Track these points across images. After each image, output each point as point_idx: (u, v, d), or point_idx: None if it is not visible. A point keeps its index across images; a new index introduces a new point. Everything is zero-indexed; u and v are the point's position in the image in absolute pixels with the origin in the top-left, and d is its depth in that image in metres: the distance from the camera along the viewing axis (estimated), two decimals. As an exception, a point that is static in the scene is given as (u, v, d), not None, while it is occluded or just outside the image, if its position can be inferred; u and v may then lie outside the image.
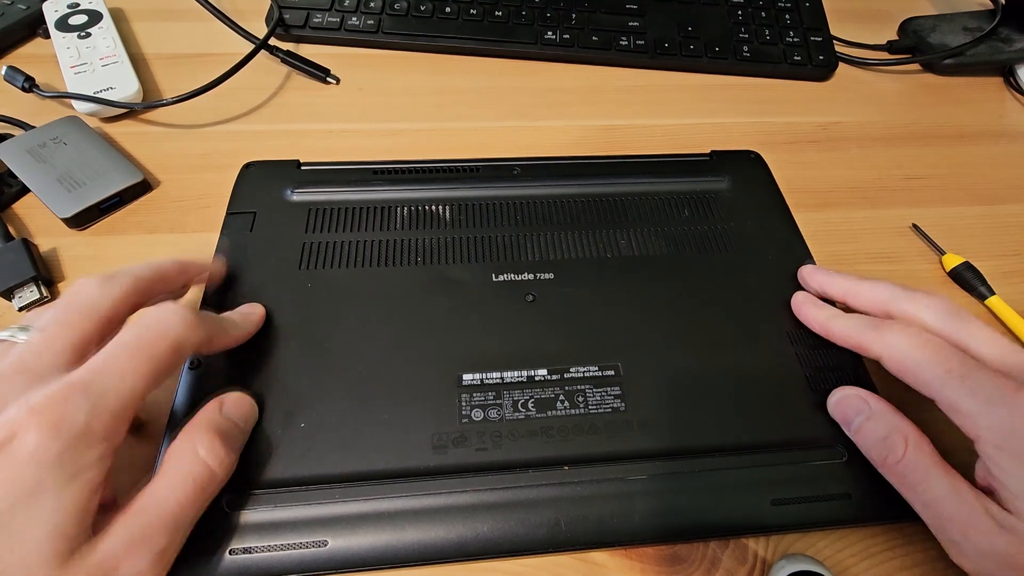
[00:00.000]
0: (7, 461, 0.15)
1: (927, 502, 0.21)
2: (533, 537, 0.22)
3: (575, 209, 0.32)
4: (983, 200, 0.38)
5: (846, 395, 0.24)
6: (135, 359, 0.18)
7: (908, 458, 0.21)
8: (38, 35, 0.42)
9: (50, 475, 0.16)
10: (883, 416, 0.23)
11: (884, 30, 0.48)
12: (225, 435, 0.20)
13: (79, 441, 0.16)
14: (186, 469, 0.19)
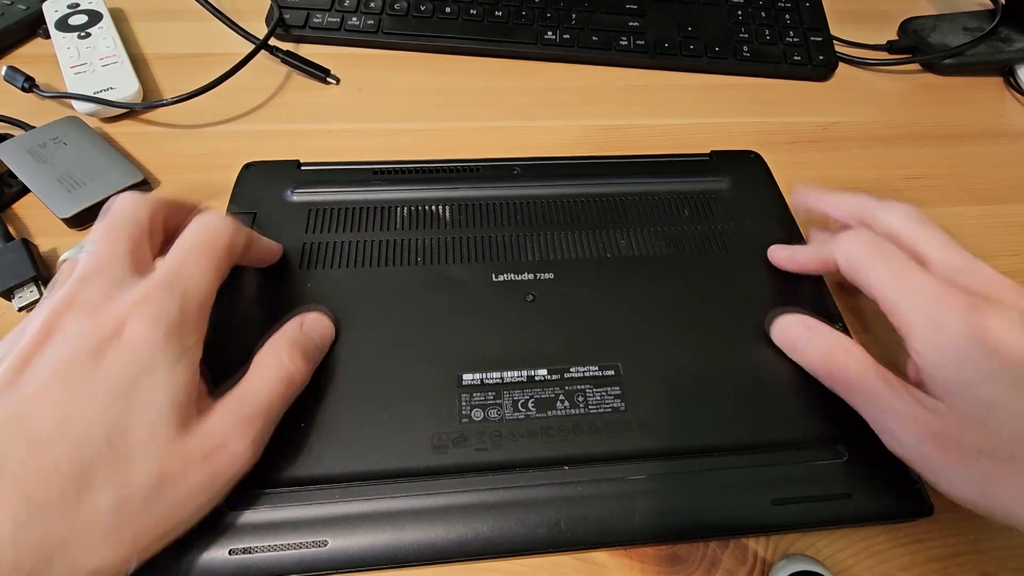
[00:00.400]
0: (123, 347, 0.18)
1: (867, 400, 0.23)
2: (533, 537, 0.22)
3: (575, 209, 0.32)
4: (983, 200, 0.38)
5: (788, 322, 0.26)
6: (201, 257, 0.21)
7: (849, 366, 0.23)
8: (38, 35, 0.42)
9: (161, 355, 0.18)
10: (823, 335, 0.25)
11: (884, 30, 0.48)
12: (303, 348, 0.23)
13: (177, 328, 0.19)
14: (272, 372, 0.21)
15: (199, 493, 0.19)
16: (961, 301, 0.22)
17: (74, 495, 0.16)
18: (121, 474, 0.17)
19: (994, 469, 0.20)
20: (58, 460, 0.16)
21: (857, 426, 0.25)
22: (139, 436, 0.17)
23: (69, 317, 0.18)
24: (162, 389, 0.18)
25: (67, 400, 0.17)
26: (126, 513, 0.17)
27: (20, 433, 0.16)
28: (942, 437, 0.21)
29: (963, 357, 0.21)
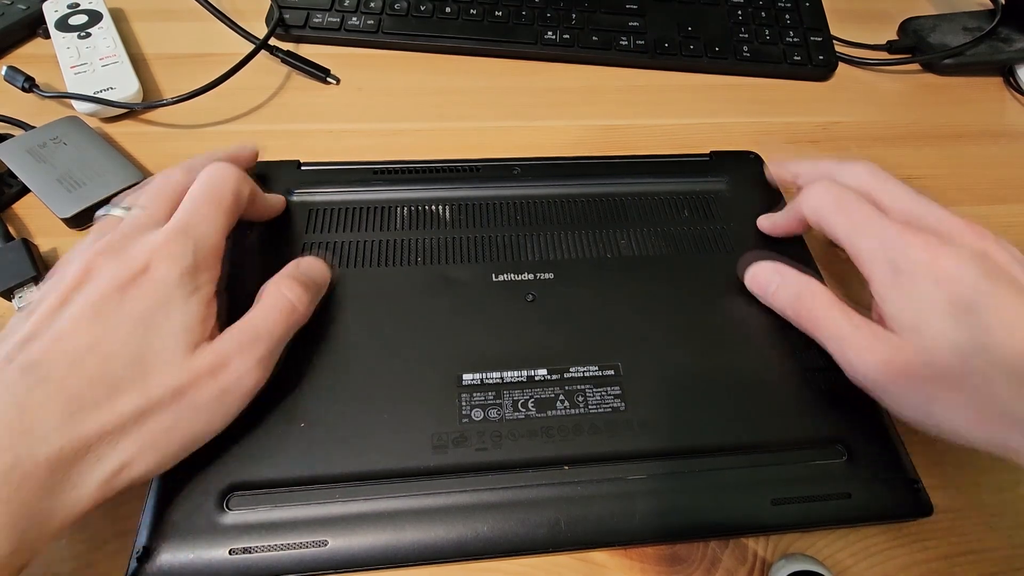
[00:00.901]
0: (146, 283, 0.21)
1: (830, 334, 0.25)
2: (533, 537, 0.22)
3: (575, 209, 0.32)
4: (983, 200, 0.38)
5: (760, 268, 0.28)
6: (209, 206, 0.24)
7: (815, 304, 0.25)
8: (38, 35, 0.42)
9: (176, 291, 0.22)
10: (792, 278, 0.27)
11: (884, 30, 0.48)
12: (301, 281, 0.25)
13: (191, 268, 0.22)
14: (274, 302, 0.24)
15: (213, 405, 0.21)
16: (915, 241, 0.23)
17: (106, 400, 0.19)
18: (141, 385, 0.20)
19: (938, 393, 0.22)
20: (92, 372, 0.20)
21: (857, 426, 0.25)
22: (156, 355, 0.21)
23: (104, 261, 0.22)
24: (176, 318, 0.21)
25: (98, 326, 0.20)
26: (147, 417, 0.20)
27: (62, 351, 0.20)
28: (893, 365, 0.23)
29: (914, 292, 0.23)
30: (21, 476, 0.18)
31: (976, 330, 0.21)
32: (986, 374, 0.21)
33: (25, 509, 0.18)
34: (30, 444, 0.18)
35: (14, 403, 0.18)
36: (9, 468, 0.18)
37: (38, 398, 0.19)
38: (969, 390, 0.21)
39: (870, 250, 0.25)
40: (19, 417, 0.18)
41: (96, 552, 0.23)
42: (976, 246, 0.23)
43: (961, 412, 0.21)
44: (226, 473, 0.23)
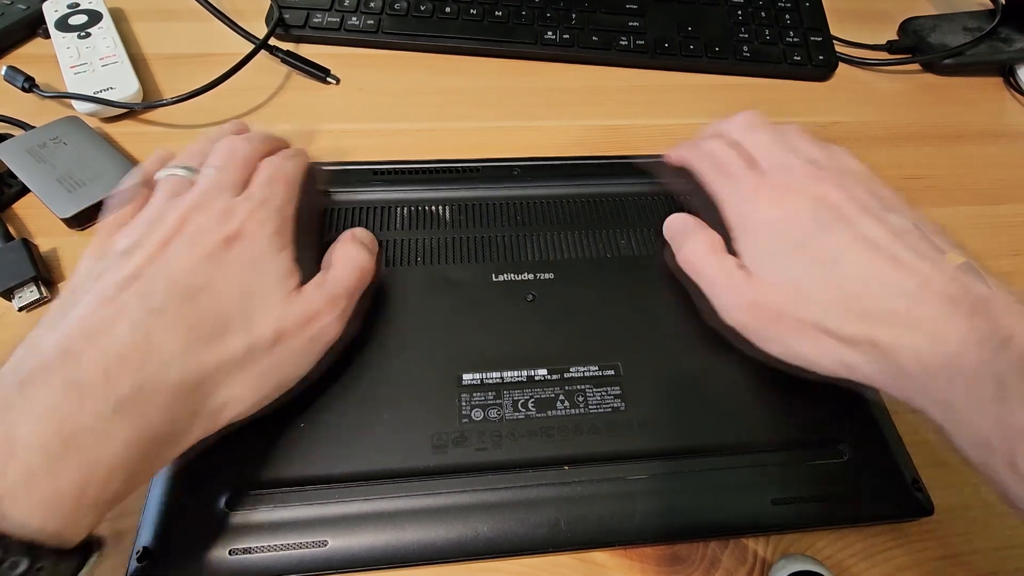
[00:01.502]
0: (245, 239, 0.23)
1: (705, 279, 0.26)
2: (533, 537, 0.22)
3: (575, 209, 0.32)
4: (983, 200, 0.38)
5: (673, 218, 0.30)
6: (280, 185, 0.26)
7: (696, 251, 0.27)
8: (38, 35, 0.42)
9: (269, 246, 0.24)
10: (690, 229, 0.28)
11: (884, 30, 0.48)
12: (364, 243, 0.27)
13: (277, 230, 0.24)
14: (344, 260, 0.26)
15: (302, 352, 0.23)
16: (765, 194, 0.26)
17: (219, 336, 0.21)
18: (249, 326, 0.22)
19: (791, 326, 0.24)
20: (207, 309, 0.21)
21: (857, 426, 0.25)
22: (259, 300, 0.22)
23: (197, 217, 0.23)
24: (273, 269, 0.23)
25: (210, 268, 0.22)
26: (253, 356, 0.22)
27: (176, 286, 0.21)
28: (755, 304, 0.25)
29: (761, 237, 0.26)
30: (147, 397, 0.19)
31: (810, 265, 0.24)
32: (822, 304, 0.23)
33: (148, 432, 0.19)
34: (156, 368, 0.19)
35: (138, 327, 0.19)
36: (138, 388, 0.18)
37: (159, 325, 0.20)
38: (813, 320, 0.23)
39: (730, 203, 0.27)
40: (145, 340, 0.19)
41: (96, 552, 0.23)
42: (815, 191, 0.25)
43: (809, 340, 0.23)
44: (226, 473, 0.23)
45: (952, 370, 0.20)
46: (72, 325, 0.19)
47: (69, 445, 0.17)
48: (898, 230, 0.23)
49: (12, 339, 0.28)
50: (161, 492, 0.23)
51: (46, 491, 0.16)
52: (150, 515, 0.22)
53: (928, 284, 0.21)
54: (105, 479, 0.18)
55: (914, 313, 0.21)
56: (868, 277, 0.22)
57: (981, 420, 0.19)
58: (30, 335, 0.20)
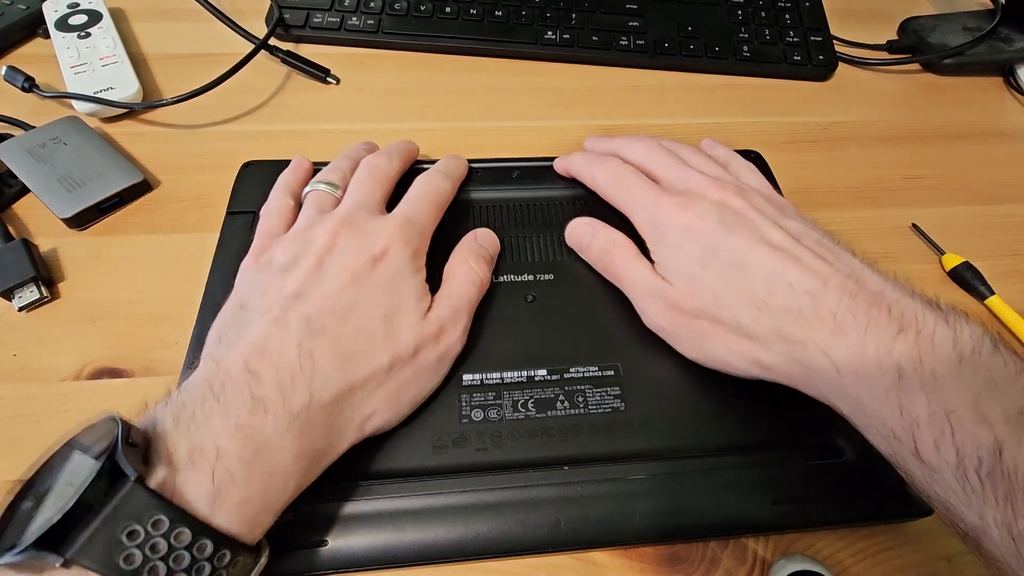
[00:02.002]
0: (388, 260, 0.25)
1: (629, 284, 0.28)
2: (533, 537, 0.22)
3: (575, 210, 0.32)
4: (983, 200, 0.38)
5: (576, 224, 0.31)
6: (428, 205, 0.28)
7: (617, 259, 0.28)
8: (38, 35, 0.42)
9: (408, 267, 0.25)
10: (600, 234, 0.29)
11: (884, 30, 0.48)
12: (483, 256, 0.29)
13: (416, 251, 0.26)
14: (465, 276, 0.27)
15: (435, 366, 0.25)
16: (670, 203, 0.27)
17: (367, 352, 0.23)
18: (392, 343, 0.23)
19: (705, 329, 0.25)
20: (356, 327, 0.23)
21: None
22: (400, 318, 0.24)
23: (347, 234, 0.25)
24: (411, 289, 0.25)
25: (357, 289, 0.24)
26: (394, 372, 0.23)
27: (332, 307, 0.23)
28: (671, 309, 0.26)
29: (673, 245, 0.27)
30: (312, 412, 0.20)
31: (718, 269, 0.25)
32: (733, 307, 0.24)
33: (310, 444, 0.20)
34: (319, 385, 0.21)
35: (303, 348, 0.21)
36: (305, 404, 0.20)
37: (320, 345, 0.22)
38: (726, 323, 0.24)
39: (638, 215, 0.29)
40: (309, 359, 0.21)
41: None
42: (716, 198, 0.27)
43: (723, 343, 0.25)
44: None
45: (856, 364, 0.21)
46: (250, 343, 0.21)
47: (258, 454, 0.19)
48: (796, 233, 0.25)
49: (12, 339, 0.28)
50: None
51: (242, 494, 0.18)
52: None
53: (828, 282, 0.23)
54: (281, 486, 0.20)
55: (818, 310, 0.22)
56: (773, 278, 0.24)
57: (887, 412, 0.20)
58: (216, 341, 0.23)
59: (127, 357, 0.28)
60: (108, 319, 0.29)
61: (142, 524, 0.16)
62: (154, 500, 0.16)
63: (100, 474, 0.16)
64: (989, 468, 0.18)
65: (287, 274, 0.24)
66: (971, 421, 0.18)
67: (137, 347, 0.28)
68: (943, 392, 0.19)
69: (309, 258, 0.24)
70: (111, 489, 0.16)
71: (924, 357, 0.20)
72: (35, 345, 0.28)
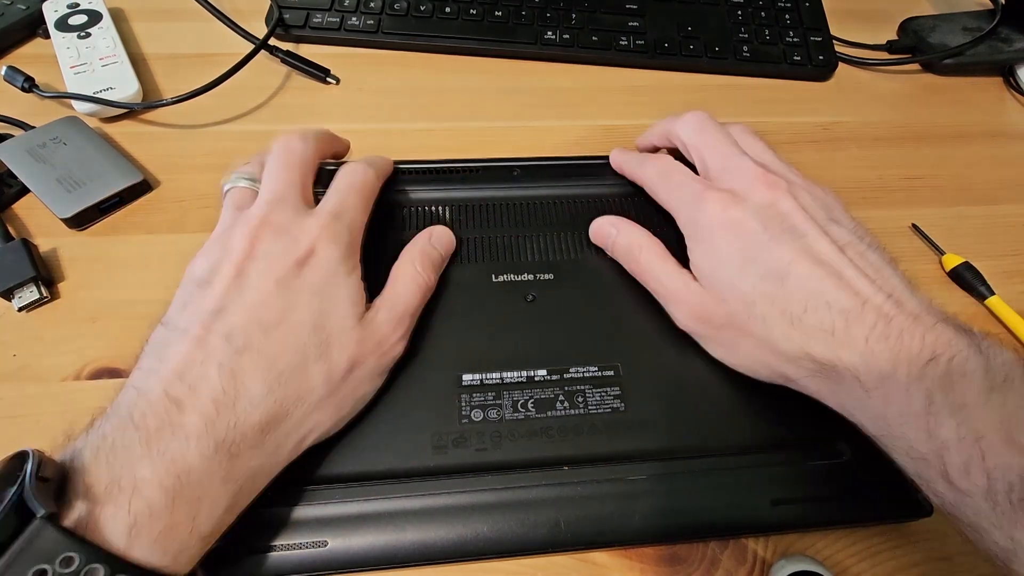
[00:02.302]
0: (316, 262, 0.23)
1: (655, 286, 0.27)
2: (533, 537, 0.22)
3: (575, 210, 0.32)
4: (983, 200, 0.38)
5: (600, 222, 0.30)
6: (356, 197, 0.26)
7: (643, 258, 0.28)
8: (38, 35, 0.42)
9: (341, 268, 0.24)
10: (626, 232, 0.29)
11: (884, 30, 0.48)
12: (432, 259, 0.27)
13: (347, 249, 0.24)
14: (410, 278, 0.26)
15: (373, 375, 0.24)
16: (714, 199, 0.26)
17: (300, 368, 0.21)
18: (326, 355, 0.22)
19: (734, 336, 0.25)
20: (285, 341, 0.21)
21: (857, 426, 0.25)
22: (334, 327, 0.23)
23: (267, 236, 0.23)
24: (344, 293, 0.23)
25: (284, 299, 0.22)
26: (331, 385, 0.22)
27: (256, 321, 0.21)
28: (702, 315, 0.26)
29: (710, 247, 0.26)
30: (239, 437, 0.19)
31: (756, 280, 0.24)
32: (765, 318, 0.24)
33: (242, 466, 0.20)
34: (245, 407, 0.20)
35: (225, 368, 0.20)
36: (232, 428, 0.19)
37: (243, 365, 0.20)
38: (755, 333, 0.24)
39: (680, 210, 0.28)
40: (233, 382, 0.20)
41: (96, 552, 0.23)
42: (764, 198, 0.25)
43: (752, 352, 0.24)
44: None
45: (886, 387, 0.21)
46: (170, 367, 0.20)
47: (181, 483, 0.18)
48: (842, 243, 0.24)
49: (12, 339, 0.28)
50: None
51: (164, 525, 0.18)
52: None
53: (867, 303, 0.22)
54: (209, 513, 0.19)
55: (851, 332, 0.22)
56: (811, 295, 0.23)
57: (914, 434, 0.20)
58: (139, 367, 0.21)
59: (127, 357, 0.28)
60: (108, 319, 0.29)
61: (51, 563, 0.15)
62: (64, 537, 0.16)
63: (6, 512, 0.15)
64: (1021, 493, 0.18)
65: (207, 287, 0.22)
66: (1002, 447, 0.18)
67: (137, 347, 0.28)
68: (973, 418, 0.19)
69: (227, 267, 0.22)
70: (20, 527, 0.16)
71: (955, 384, 0.19)
72: (35, 345, 0.28)
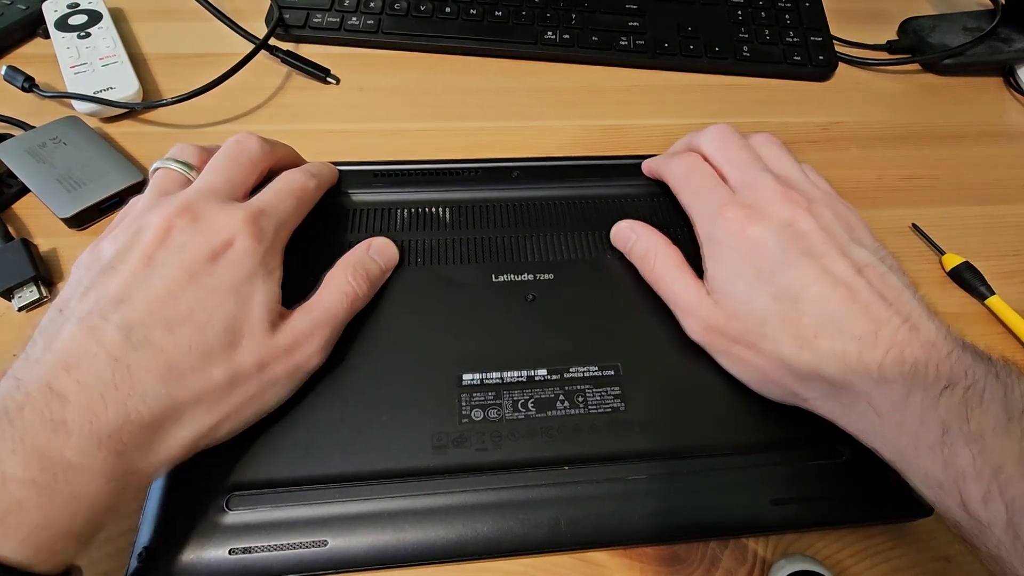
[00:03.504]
0: (233, 255, 0.22)
1: (670, 295, 0.27)
2: (533, 537, 0.22)
3: (575, 210, 0.32)
4: (983, 200, 0.38)
5: (620, 227, 0.30)
6: (290, 200, 0.26)
7: (657, 265, 0.28)
8: (38, 35, 0.42)
9: (259, 267, 0.23)
10: (644, 238, 0.29)
11: (884, 30, 0.48)
12: (367, 271, 0.27)
13: (270, 247, 0.23)
14: (336, 287, 0.25)
15: (283, 381, 0.23)
16: (733, 216, 0.25)
17: (200, 368, 0.20)
18: (232, 356, 0.21)
19: (744, 353, 0.25)
20: (188, 340, 0.20)
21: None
22: (244, 328, 0.22)
23: (185, 225, 0.22)
24: (260, 293, 0.22)
25: (194, 292, 0.21)
26: (233, 387, 0.21)
27: (160, 318, 0.20)
28: (712, 328, 0.25)
29: (725, 261, 0.25)
30: (126, 433, 0.19)
31: (769, 297, 0.24)
32: (776, 339, 0.23)
33: (126, 464, 0.19)
34: (134, 404, 0.19)
35: (120, 363, 0.19)
36: (118, 425, 0.18)
37: (140, 361, 0.19)
38: (765, 351, 0.24)
39: (698, 220, 0.28)
40: (125, 376, 0.19)
41: (96, 552, 0.23)
42: (784, 216, 0.25)
43: (761, 369, 0.24)
44: (226, 473, 0.23)
45: (900, 415, 0.20)
46: (58, 357, 0.19)
47: (56, 479, 0.17)
48: (861, 264, 0.24)
49: (12, 339, 0.28)
50: (161, 492, 0.23)
51: (34, 523, 0.17)
52: (150, 515, 0.22)
53: (881, 328, 0.22)
54: (88, 511, 0.18)
55: (865, 358, 0.21)
56: (826, 318, 0.23)
57: (930, 464, 0.20)
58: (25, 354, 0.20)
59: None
60: (108, 319, 0.29)
61: None
62: None
63: None
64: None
65: (112, 272, 0.21)
66: (1021, 478, 0.18)
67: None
68: (990, 448, 0.19)
69: (136, 253, 0.21)
70: None
71: (971, 413, 0.19)
72: (35, 345, 0.28)
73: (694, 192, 0.28)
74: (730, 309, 0.25)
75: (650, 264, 0.28)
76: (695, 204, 0.28)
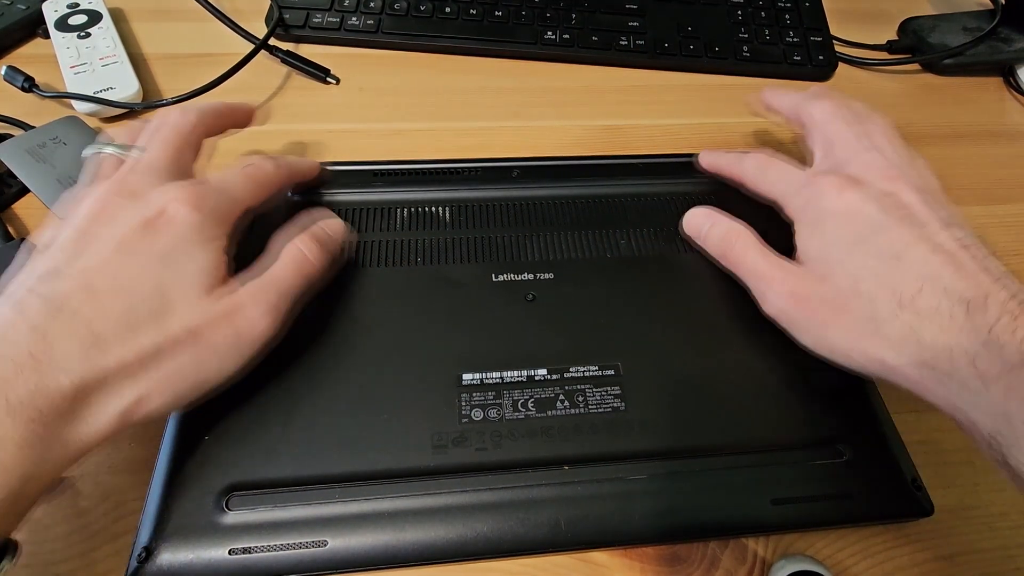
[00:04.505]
0: (166, 223, 0.22)
1: (749, 272, 0.27)
2: (533, 537, 0.22)
3: (575, 210, 0.32)
4: (983, 200, 0.38)
5: (694, 213, 0.30)
6: (245, 181, 0.26)
7: (738, 244, 0.27)
8: (38, 35, 0.42)
9: (196, 235, 0.22)
10: (721, 222, 0.29)
11: (884, 30, 0.48)
12: (314, 234, 0.26)
13: (210, 218, 0.23)
14: (287, 253, 0.25)
15: (224, 349, 0.22)
16: (829, 182, 0.25)
17: (126, 336, 0.20)
18: (161, 323, 0.21)
19: (830, 317, 0.24)
20: (114, 308, 0.20)
21: (857, 426, 0.25)
22: (176, 294, 0.21)
23: (118, 200, 0.22)
24: (195, 260, 0.22)
25: (120, 262, 0.21)
26: (164, 355, 0.21)
27: (85, 287, 0.20)
28: (796, 294, 0.25)
29: (820, 227, 0.25)
30: (42, 401, 0.18)
31: (867, 258, 0.23)
32: (871, 297, 0.22)
33: (44, 434, 0.18)
34: (53, 372, 0.19)
35: (37, 331, 0.19)
36: (32, 392, 0.18)
37: (60, 329, 0.19)
38: (856, 312, 0.23)
39: (789, 197, 0.27)
40: (42, 344, 0.19)
41: (96, 552, 0.23)
42: (884, 187, 0.24)
43: (848, 333, 0.23)
44: (226, 473, 0.23)
45: (1011, 378, 0.19)
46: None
47: None
48: (965, 242, 0.23)
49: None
50: (161, 492, 0.23)
51: None
52: (150, 515, 0.22)
53: (990, 296, 0.20)
54: (3, 479, 0.17)
55: (973, 320, 0.20)
56: (928, 278, 0.21)
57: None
58: None
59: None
60: (108, 319, 0.29)
61: None
62: None
63: None
64: None
65: (45, 251, 0.21)
66: None
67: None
68: None
69: (68, 231, 0.21)
70: None
71: None
72: (35, 345, 0.28)
73: (777, 175, 0.28)
74: (821, 272, 0.24)
75: (731, 243, 0.28)
76: (779, 185, 0.28)
